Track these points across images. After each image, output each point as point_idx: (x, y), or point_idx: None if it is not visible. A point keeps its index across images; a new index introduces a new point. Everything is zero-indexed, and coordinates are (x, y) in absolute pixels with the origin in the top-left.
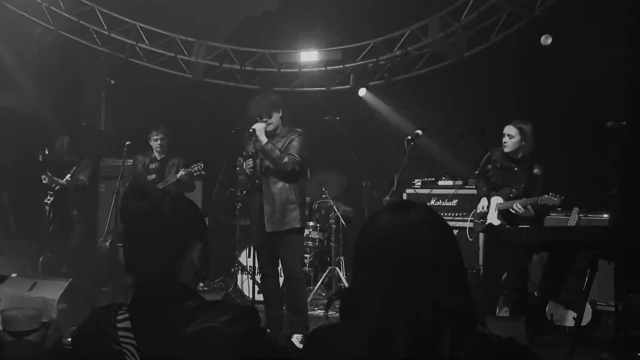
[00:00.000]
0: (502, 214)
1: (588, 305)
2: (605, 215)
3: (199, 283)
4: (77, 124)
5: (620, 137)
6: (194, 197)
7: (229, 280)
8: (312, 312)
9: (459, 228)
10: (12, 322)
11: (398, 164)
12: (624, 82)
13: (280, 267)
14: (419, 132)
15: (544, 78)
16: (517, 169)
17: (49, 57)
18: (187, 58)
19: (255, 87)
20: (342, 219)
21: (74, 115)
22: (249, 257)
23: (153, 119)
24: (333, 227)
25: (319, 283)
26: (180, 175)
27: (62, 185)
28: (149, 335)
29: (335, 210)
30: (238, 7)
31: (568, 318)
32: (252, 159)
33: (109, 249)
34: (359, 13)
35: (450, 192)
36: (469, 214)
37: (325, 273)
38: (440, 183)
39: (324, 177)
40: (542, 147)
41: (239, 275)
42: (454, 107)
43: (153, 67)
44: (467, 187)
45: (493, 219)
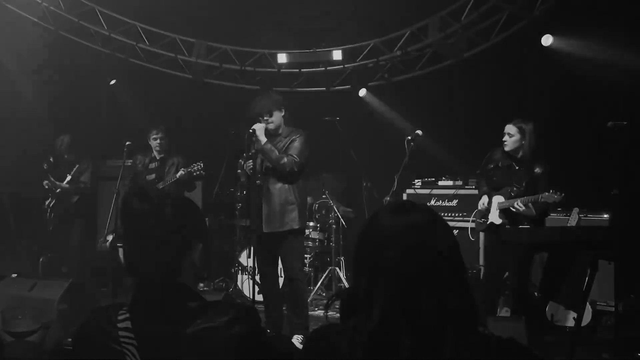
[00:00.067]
0: (503, 213)
1: (588, 306)
2: (606, 215)
3: (199, 283)
4: (77, 124)
5: (621, 137)
6: (194, 197)
7: (229, 281)
8: (312, 312)
9: (459, 228)
10: (12, 322)
11: (398, 164)
12: (624, 82)
13: (280, 267)
14: (419, 132)
15: (544, 78)
16: (518, 168)
17: (49, 57)
18: (187, 58)
19: (256, 87)
20: (342, 219)
21: (74, 116)
22: (249, 257)
23: (153, 119)
24: (333, 227)
25: (319, 283)
26: (180, 175)
27: (63, 189)
28: (150, 336)
29: (336, 211)
30: (238, 7)
31: (568, 318)
32: (252, 160)
33: (109, 249)
34: (359, 13)
35: (450, 192)
36: (469, 214)
37: (326, 273)
38: (441, 183)
39: (325, 178)
40: (542, 147)
41: (239, 276)
42: (454, 107)
43: (153, 67)
44: (467, 187)
45: (494, 218)
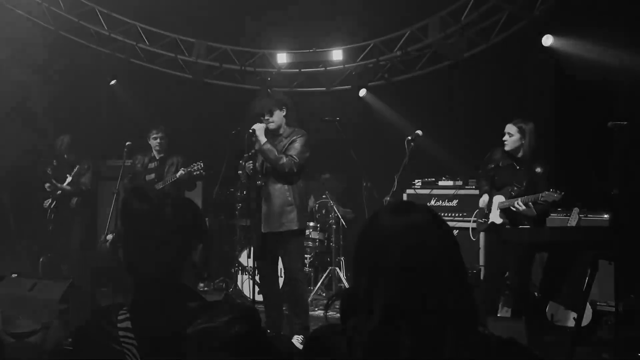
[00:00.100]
0: (504, 213)
1: (588, 306)
2: (606, 216)
3: (199, 283)
4: (77, 124)
5: (621, 137)
6: (194, 197)
7: (229, 281)
8: (312, 312)
9: (459, 228)
10: (12, 323)
11: (398, 164)
12: (624, 82)
13: (280, 267)
14: (419, 132)
15: (544, 78)
16: (518, 168)
17: (49, 57)
18: (187, 58)
19: (255, 87)
20: (342, 220)
21: (74, 116)
22: (249, 257)
23: (153, 119)
24: (333, 227)
25: (319, 283)
26: (180, 175)
27: (64, 191)
28: (150, 336)
29: (336, 211)
30: (238, 7)
31: (568, 318)
32: (252, 160)
33: (110, 249)
34: (359, 13)
35: (451, 192)
36: (469, 214)
37: (326, 273)
38: (441, 183)
39: (325, 178)
40: (542, 147)
41: (239, 276)
42: (454, 107)
43: (153, 67)
44: (467, 187)
45: (495, 218)
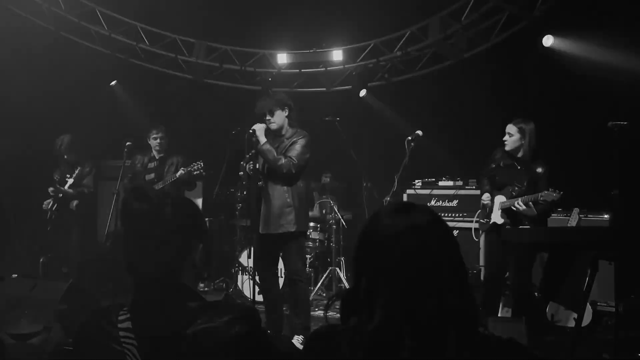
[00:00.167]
0: (505, 213)
1: (588, 306)
2: (606, 216)
3: (199, 283)
4: (77, 124)
5: (621, 137)
6: (194, 197)
7: (230, 281)
8: (312, 312)
9: (460, 229)
10: (13, 325)
11: (398, 165)
12: (624, 82)
13: (280, 268)
14: (419, 132)
15: (544, 78)
16: (519, 168)
17: (49, 57)
18: (187, 59)
19: (256, 87)
20: (342, 220)
21: (74, 116)
22: (250, 257)
23: (153, 120)
24: (333, 227)
25: (319, 284)
26: (180, 174)
27: (67, 194)
28: (150, 336)
29: (336, 211)
30: (238, 7)
31: (569, 318)
32: (253, 160)
33: (110, 250)
34: (360, 13)
35: (451, 192)
36: (470, 215)
37: (326, 274)
38: (441, 183)
39: (325, 178)
40: (542, 147)
41: (239, 276)
42: (454, 107)
43: (153, 67)
44: (467, 187)
45: (497, 218)
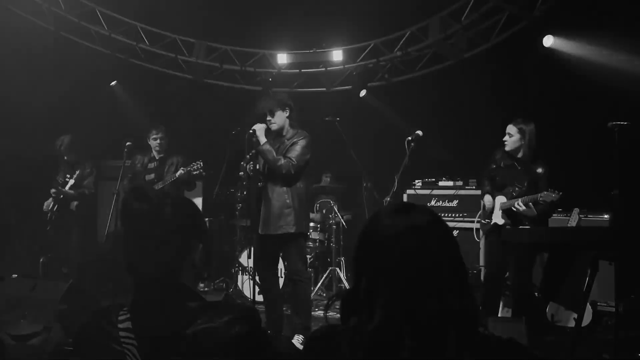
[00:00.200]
0: (505, 213)
1: (588, 306)
2: (606, 216)
3: (199, 283)
4: (77, 125)
5: (621, 137)
6: (194, 197)
7: (230, 281)
8: (312, 312)
9: (460, 229)
10: (14, 326)
11: (398, 165)
12: (624, 82)
13: (280, 268)
14: (419, 132)
15: (544, 79)
16: (519, 168)
17: (49, 57)
18: (187, 59)
19: (256, 88)
20: (342, 220)
21: (75, 116)
22: (250, 257)
23: (153, 120)
24: (333, 227)
25: (320, 284)
26: (180, 174)
27: (68, 195)
28: (150, 336)
29: (336, 211)
30: (238, 7)
31: (569, 318)
32: (253, 160)
33: (110, 250)
34: (360, 13)
35: (451, 192)
36: (470, 215)
37: (326, 274)
38: (441, 184)
39: (325, 179)
40: (542, 147)
41: (240, 276)
42: (455, 107)
43: (153, 67)
44: (467, 187)
45: (497, 218)
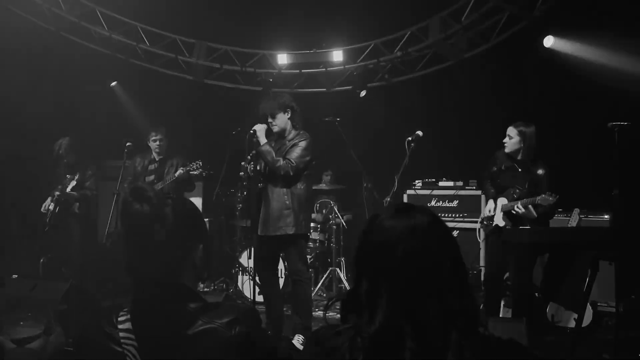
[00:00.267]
0: (506, 215)
1: (589, 306)
2: (606, 216)
3: (200, 284)
4: (77, 125)
5: (621, 137)
6: (195, 197)
7: (230, 282)
8: (312, 313)
9: (460, 229)
10: (14, 329)
11: (398, 165)
12: (624, 82)
13: (280, 268)
14: (420, 132)
15: (544, 79)
16: (520, 170)
17: (50, 58)
18: (187, 59)
19: (256, 88)
20: (342, 220)
21: (75, 117)
22: (250, 258)
23: (153, 120)
24: (333, 228)
25: (320, 284)
26: (179, 174)
27: (70, 197)
28: (150, 336)
29: (336, 212)
30: (238, 7)
31: (569, 319)
32: (253, 161)
33: (110, 250)
34: (360, 14)
35: (451, 192)
36: (470, 215)
37: (326, 274)
38: (441, 184)
39: (325, 179)
40: (543, 147)
41: (240, 277)
42: (455, 108)
43: (154, 68)
44: (467, 188)
45: (499, 220)
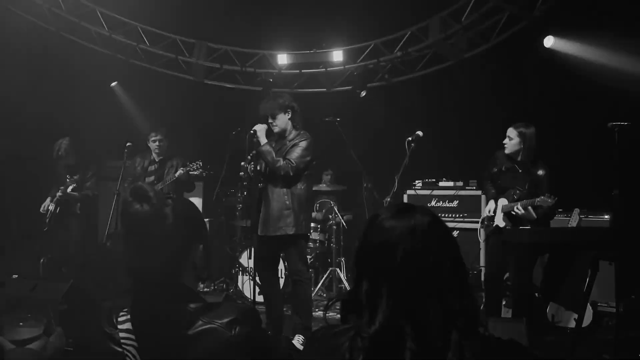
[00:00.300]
0: (507, 216)
1: (589, 306)
2: (606, 216)
3: (200, 284)
4: (77, 126)
5: (621, 137)
6: (195, 197)
7: (230, 282)
8: (312, 313)
9: (460, 229)
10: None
11: (398, 165)
12: (624, 82)
13: (280, 268)
14: (420, 133)
15: (544, 79)
16: (520, 171)
17: (50, 58)
18: (187, 59)
19: (256, 88)
20: (342, 221)
21: (75, 117)
22: (250, 258)
23: (154, 121)
24: (334, 228)
25: (320, 284)
26: (179, 174)
27: (71, 197)
28: (150, 337)
29: (336, 212)
30: (238, 7)
31: (569, 319)
32: (254, 161)
33: (110, 250)
34: (360, 14)
35: (451, 193)
36: (470, 215)
37: (326, 274)
38: (441, 184)
39: (325, 179)
40: (543, 148)
41: (240, 277)
42: (455, 108)
43: (154, 68)
44: (467, 188)
45: (499, 221)
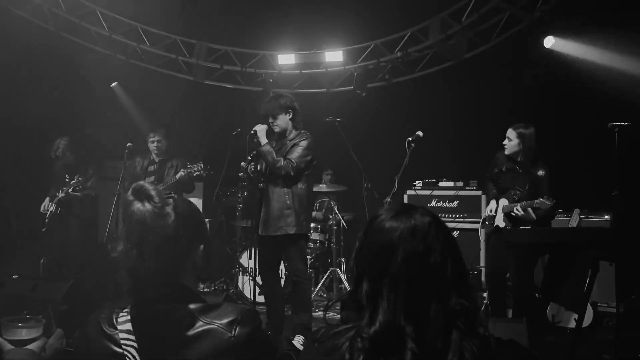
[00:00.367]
0: (507, 217)
1: (589, 307)
2: (607, 216)
3: (200, 284)
4: (77, 126)
5: (621, 137)
6: (195, 198)
7: (230, 282)
8: (313, 313)
9: (460, 229)
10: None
11: (399, 165)
12: (624, 83)
13: (281, 268)
14: (420, 133)
15: (545, 79)
16: (520, 172)
17: (50, 59)
18: (188, 60)
19: (256, 88)
20: (342, 221)
21: (75, 117)
22: (250, 258)
23: (154, 121)
24: (334, 228)
25: (320, 284)
26: (180, 176)
27: (72, 197)
28: (150, 337)
29: (336, 212)
30: (239, 8)
31: (569, 319)
32: (254, 161)
33: (110, 250)
34: (360, 14)
35: (451, 193)
36: (470, 216)
37: (326, 274)
38: (441, 184)
39: (325, 179)
40: (543, 148)
41: (240, 277)
42: (455, 108)
43: (154, 68)
44: (467, 188)
45: (500, 221)
